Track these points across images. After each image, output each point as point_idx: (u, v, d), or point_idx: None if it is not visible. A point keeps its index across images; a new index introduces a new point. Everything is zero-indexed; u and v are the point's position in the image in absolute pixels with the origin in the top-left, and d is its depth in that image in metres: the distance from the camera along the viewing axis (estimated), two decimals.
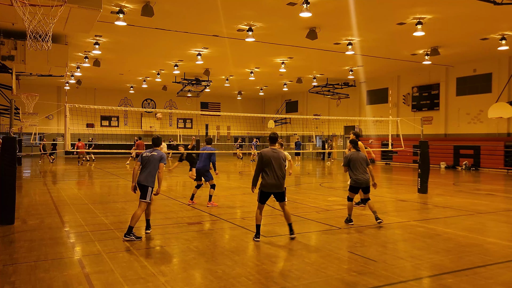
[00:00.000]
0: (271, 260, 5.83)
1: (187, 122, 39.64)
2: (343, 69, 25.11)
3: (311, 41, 16.84)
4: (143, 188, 7.04)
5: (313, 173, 21.31)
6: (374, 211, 8.23)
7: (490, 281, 5.03)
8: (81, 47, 19.52)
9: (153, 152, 7.22)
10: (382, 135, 27.17)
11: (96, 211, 9.52)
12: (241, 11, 14.18)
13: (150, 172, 7.04)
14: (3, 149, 8.09)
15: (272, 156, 6.80)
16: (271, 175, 6.77)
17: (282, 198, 7.04)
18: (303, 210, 9.71)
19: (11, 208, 8.04)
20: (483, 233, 7.57)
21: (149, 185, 7.01)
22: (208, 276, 5.16)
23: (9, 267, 5.43)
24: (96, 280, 4.95)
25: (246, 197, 11.95)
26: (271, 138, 7.06)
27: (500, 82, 21.96)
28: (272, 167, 6.77)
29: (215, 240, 7.01)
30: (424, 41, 18.05)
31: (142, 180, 7.04)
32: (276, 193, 6.96)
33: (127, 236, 6.86)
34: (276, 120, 39.05)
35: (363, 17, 14.72)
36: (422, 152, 12.90)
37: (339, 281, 5.03)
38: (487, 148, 22.35)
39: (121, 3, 13.25)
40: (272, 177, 6.77)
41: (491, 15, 14.45)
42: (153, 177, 7.06)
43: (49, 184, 15.00)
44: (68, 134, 9.98)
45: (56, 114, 32.33)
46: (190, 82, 27.32)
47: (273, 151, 6.87)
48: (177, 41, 18.38)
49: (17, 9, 6.43)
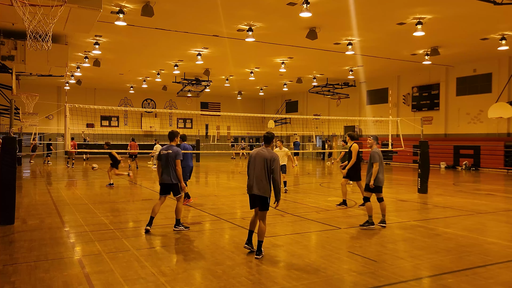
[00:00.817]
0: (271, 260, 5.83)
1: (187, 122, 39.64)
2: (343, 69, 25.11)
3: (311, 41, 16.84)
4: (172, 186, 7.49)
5: (313, 173, 21.31)
6: (384, 214, 8.15)
7: (490, 281, 5.03)
8: (81, 47, 19.52)
9: (168, 149, 7.53)
10: (382, 135, 27.13)
11: (96, 211, 9.52)
12: (241, 11, 14.18)
13: (172, 170, 7.45)
14: (3, 149, 8.09)
15: (256, 156, 6.12)
16: (251, 176, 6.14)
17: (262, 206, 6.07)
18: (303, 210, 9.71)
19: (11, 208, 8.04)
20: (483, 233, 7.57)
21: (176, 182, 7.49)
22: (208, 276, 5.16)
23: (9, 267, 5.42)
24: (96, 280, 4.95)
25: (246, 197, 11.90)
26: (265, 137, 6.32)
27: (500, 82, 21.96)
28: (254, 167, 6.11)
29: (215, 240, 7.01)
30: (424, 41, 18.05)
31: (169, 179, 7.46)
32: (256, 197, 6.08)
33: (177, 227, 7.50)
34: (276, 120, 39.06)
35: (363, 17, 14.72)
36: (422, 152, 12.90)
37: (339, 281, 5.03)
38: (487, 148, 22.35)
39: (121, 3, 13.25)
40: (252, 177, 6.11)
41: (491, 15, 14.45)
42: (175, 173, 7.50)
43: (48, 185, 14.99)
44: (68, 134, 9.99)
45: (56, 114, 32.34)
46: (190, 82, 27.33)
47: (261, 150, 6.15)
48: (177, 41, 18.38)
49: (17, 9, 6.43)
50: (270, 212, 9.43)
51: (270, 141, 6.35)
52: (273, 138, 6.44)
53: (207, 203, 10.68)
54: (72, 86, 32.58)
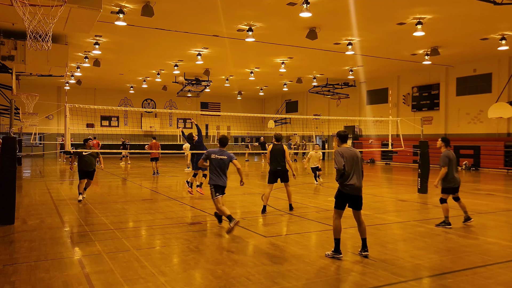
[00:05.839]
0: (271, 260, 5.83)
1: (187, 122, 39.64)
2: (343, 69, 25.11)
3: (311, 41, 16.84)
4: (222, 188, 7.60)
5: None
6: (466, 211, 8.22)
7: (490, 281, 5.02)
8: (81, 47, 19.52)
9: (222, 155, 7.60)
10: (382, 135, 27.17)
11: (96, 211, 9.52)
12: (241, 11, 14.18)
13: (224, 175, 7.63)
14: (3, 149, 8.09)
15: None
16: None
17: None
18: (303, 210, 9.71)
19: (11, 208, 8.04)
20: (483, 233, 7.57)
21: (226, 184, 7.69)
22: (208, 276, 5.16)
23: (9, 267, 5.42)
24: (96, 280, 4.95)
25: (246, 197, 11.94)
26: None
27: (500, 82, 21.96)
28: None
29: (215, 240, 7.01)
30: (424, 41, 18.05)
31: (224, 183, 7.59)
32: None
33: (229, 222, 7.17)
34: (276, 120, 39.05)
35: (363, 17, 14.72)
36: (422, 152, 12.90)
37: (339, 281, 5.03)
38: (487, 148, 22.35)
39: (121, 3, 13.24)
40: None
41: (491, 15, 14.45)
42: (225, 177, 7.69)
43: (49, 184, 15.00)
44: (68, 134, 9.99)
45: (56, 114, 32.33)
46: (190, 82, 27.32)
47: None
48: (177, 41, 18.38)
49: (17, 9, 6.43)
50: (270, 212, 9.44)
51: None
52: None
53: (207, 203, 10.68)
54: (72, 86, 32.57)
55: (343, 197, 5.95)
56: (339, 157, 5.85)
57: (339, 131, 6.36)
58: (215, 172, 7.54)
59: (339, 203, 5.98)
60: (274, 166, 9.48)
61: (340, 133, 6.23)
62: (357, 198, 5.95)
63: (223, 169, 7.58)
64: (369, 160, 29.56)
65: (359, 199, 5.98)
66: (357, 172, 5.91)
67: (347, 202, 5.97)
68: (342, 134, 6.20)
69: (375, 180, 17.98)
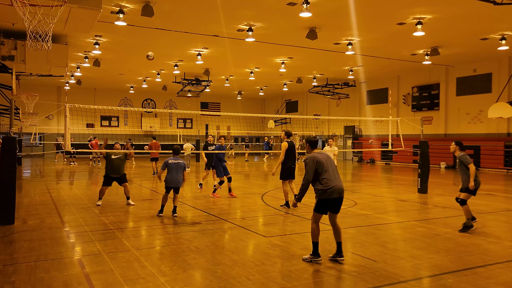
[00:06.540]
0: (271, 260, 5.83)
1: (187, 122, 39.64)
2: (343, 69, 25.11)
3: (311, 41, 16.84)
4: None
5: None
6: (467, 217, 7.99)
7: (490, 281, 5.03)
8: (81, 47, 19.51)
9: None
10: (382, 135, 27.17)
11: (96, 211, 9.52)
12: (241, 11, 14.18)
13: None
14: (3, 149, 8.09)
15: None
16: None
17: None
18: (303, 210, 9.70)
19: (11, 208, 8.04)
20: (483, 233, 7.56)
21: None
22: (208, 276, 5.16)
23: (9, 267, 5.42)
24: (96, 280, 4.95)
25: (246, 197, 11.94)
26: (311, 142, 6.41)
27: (500, 82, 21.96)
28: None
29: (215, 240, 7.01)
30: (424, 41, 18.05)
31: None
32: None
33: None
34: (276, 120, 39.04)
35: (363, 17, 14.72)
36: (422, 152, 12.89)
37: (340, 281, 5.03)
38: (487, 148, 22.35)
39: (121, 3, 13.24)
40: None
41: (491, 15, 14.45)
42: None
43: (50, 184, 14.99)
44: (68, 134, 9.98)
45: (56, 114, 32.32)
46: (190, 82, 27.32)
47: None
48: (177, 41, 18.38)
49: (17, 9, 6.43)
50: (269, 212, 9.44)
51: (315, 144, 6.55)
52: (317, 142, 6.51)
53: (208, 203, 10.68)
54: (72, 86, 32.56)
55: (325, 202, 5.78)
56: (311, 162, 5.78)
57: (308, 137, 6.48)
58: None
59: (320, 207, 5.82)
60: (291, 163, 9.69)
61: (310, 139, 6.35)
62: (339, 200, 5.83)
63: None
64: (369, 160, 29.58)
65: (341, 202, 5.86)
66: (335, 173, 5.88)
67: (330, 206, 5.81)
68: (312, 140, 6.33)
69: (375, 180, 17.99)
